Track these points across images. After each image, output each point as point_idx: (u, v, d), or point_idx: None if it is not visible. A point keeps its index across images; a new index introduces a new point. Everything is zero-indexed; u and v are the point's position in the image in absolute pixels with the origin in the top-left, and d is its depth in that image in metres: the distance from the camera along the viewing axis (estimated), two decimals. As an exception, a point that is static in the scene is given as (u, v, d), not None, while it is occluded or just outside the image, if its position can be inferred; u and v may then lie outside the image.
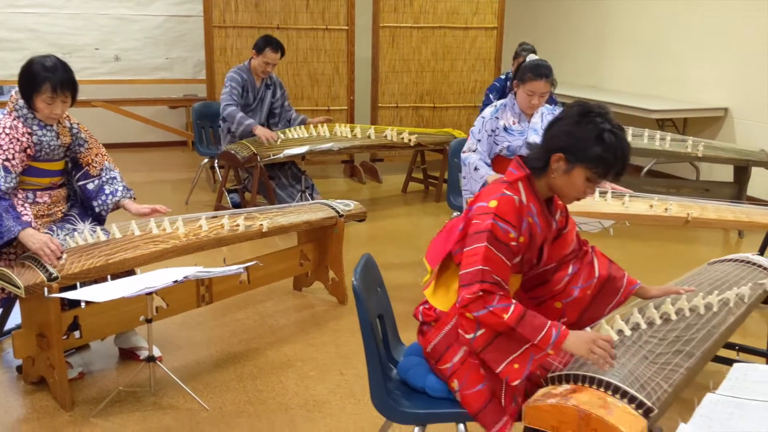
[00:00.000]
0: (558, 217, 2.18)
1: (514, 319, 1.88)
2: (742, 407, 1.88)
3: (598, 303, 2.23)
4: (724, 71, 6.27)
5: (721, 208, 3.75)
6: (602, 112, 1.98)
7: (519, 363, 1.91)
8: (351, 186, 6.64)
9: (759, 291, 2.61)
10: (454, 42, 6.84)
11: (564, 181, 2.01)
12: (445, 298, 2.12)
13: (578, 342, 1.88)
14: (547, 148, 2.02)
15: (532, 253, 2.06)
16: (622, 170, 1.99)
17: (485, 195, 2.02)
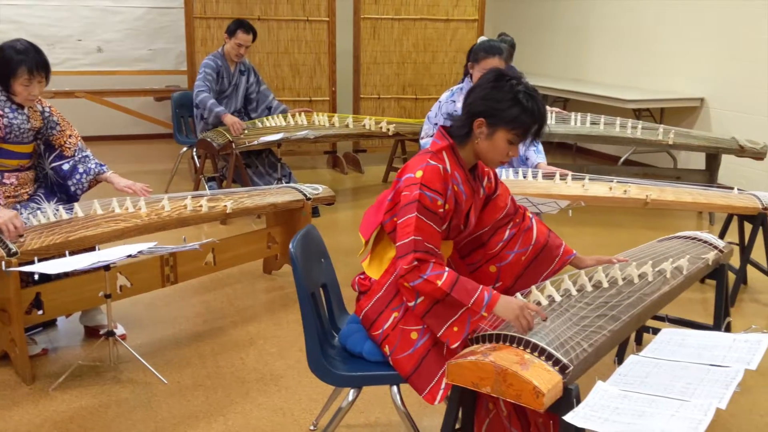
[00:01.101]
0: (486, 184, 2.25)
1: (448, 285, 1.95)
2: (660, 367, 1.95)
3: (533, 269, 2.30)
4: (701, 63, 6.33)
5: (680, 191, 3.82)
6: (516, 76, 2.06)
7: (458, 326, 1.99)
8: (333, 176, 6.70)
9: (699, 264, 2.67)
10: (435, 34, 6.90)
11: (487, 146, 2.08)
12: (379, 268, 2.18)
13: (508, 307, 1.94)
14: (468, 114, 2.09)
15: (458, 219, 2.13)
16: (540, 130, 2.08)
17: (412, 166, 2.08)
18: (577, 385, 1.82)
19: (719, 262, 2.87)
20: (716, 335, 2.12)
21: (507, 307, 1.94)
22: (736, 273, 3.86)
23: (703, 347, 2.04)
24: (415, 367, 2.05)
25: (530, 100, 2.04)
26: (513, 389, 1.74)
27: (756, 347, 2.00)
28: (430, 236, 2.00)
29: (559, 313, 2.06)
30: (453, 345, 1.98)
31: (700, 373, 1.86)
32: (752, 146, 5.06)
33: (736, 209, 3.77)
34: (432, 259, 1.98)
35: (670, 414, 1.67)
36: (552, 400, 1.75)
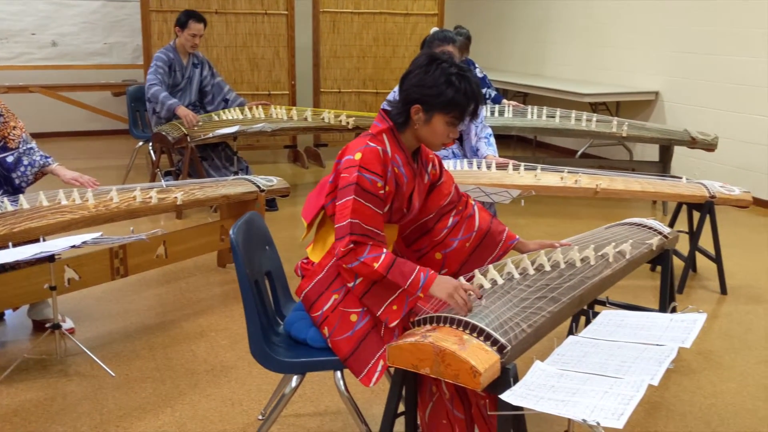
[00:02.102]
0: (430, 170, 2.26)
1: (384, 267, 1.96)
2: (597, 347, 1.97)
3: (477, 255, 2.32)
4: (656, 57, 6.43)
5: (630, 180, 3.88)
6: (447, 58, 2.06)
7: (397, 305, 2.00)
8: (294, 171, 6.68)
9: (643, 249, 2.71)
10: (395, 28, 6.91)
11: (427, 131, 2.09)
12: (321, 251, 2.18)
13: (443, 287, 1.96)
14: (404, 101, 2.09)
15: (400, 202, 2.13)
16: (476, 110, 2.09)
17: (351, 148, 2.08)
18: (514, 364, 1.84)
19: (663, 247, 2.92)
20: (654, 316, 2.16)
21: (442, 286, 1.96)
22: (686, 260, 3.93)
23: (641, 327, 2.07)
24: (353, 349, 2.05)
25: (463, 80, 2.04)
26: (451, 369, 1.75)
27: (691, 326, 2.03)
28: (369, 218, 2.00)
29: (500, 295, 2.07)
30: (392, 323, 1.99)
31: (636, 352, 1.89)
32: (703, 138, 5.15)
33: (684, 197, 3.84)
34: (369, 241, 1.99)
35: (603, 391, 1.69)
36: (489, 379, 1.76)
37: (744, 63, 5.61)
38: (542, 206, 5.50)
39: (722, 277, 3.87)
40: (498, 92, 5.79)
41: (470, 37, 5.49)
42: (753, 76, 5.54)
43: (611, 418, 1.57)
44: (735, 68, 5.68)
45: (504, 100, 5.64)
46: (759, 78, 5.50)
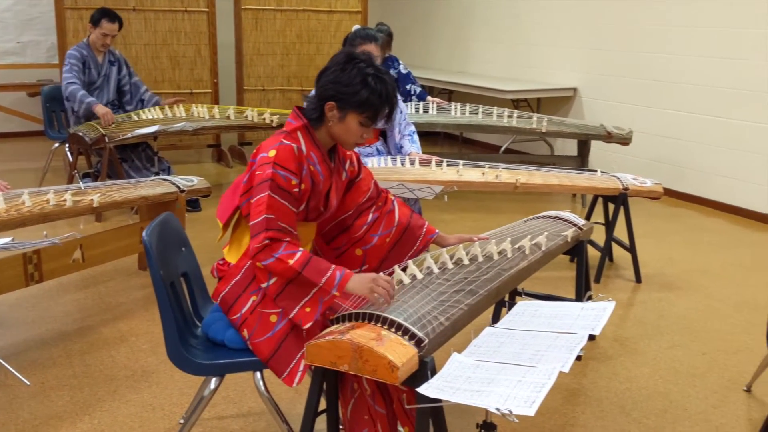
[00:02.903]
0: (348, 167, 2.26)
1: (300, 264, 1.94)
2: (512, 337, 2.02)
3: (398, 250, 2.34)
4: (574, 55, 6.62)
5: (548, 174, 3.98)
6: (365, 58, 2.07)
7: (310, 306, 1.97)
8: (219, 170, 6.58)
9: (558, 240, 2.79)
10: (318, 25, 6.89)
11: (341, 129, 2.09)
12: (237, 252, 2.16)
13: (360, 282, 1.95)
14: (319, 98, 2.09)
15: (317, 200, 2.13)
16: (391, 112, 2.10)
17: (265, 146, 2.07)
18: (432, 357, 1.86)
19: (579, 239, 3.01)
20: (567, 305, 2.23)
21: (359, 283, 1.95)
22: (602, 251, 4.07)
23: (554, 316, 2.13)
24: (274, 350, 2.03)
25: (379, 82, 2.04)
26: (369, 365, 1.76)
27: (601, 314, 2.11)
28: (283, 215, 1.99)
29: (418, 290, 2.10)
30: (305, 325, 1.97)
31: (548, 340, 1.95)
32: (618, 132, 5.33)
33: (599, 190, 3.97)
34: (285, 238, 1.97)
35: (517, 380, 1.74)
36: (407, 373, 1.78)
37: (657, 59, 5.83)
38: (467, 201, 5.59)
39: (636, 265, 4.01)
40: (423, 89, 5.85)
41: (391, 34, 5.52)
42: (665, 72, 5.77)
43: (523, 406, 1.61)
44: (649, 65, 5.90)
45: (429, 98, 5.70)
46: (671, 74, 5.73)
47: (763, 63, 5.05)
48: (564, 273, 4.03)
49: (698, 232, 5.00)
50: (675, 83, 5.70)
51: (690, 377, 2.93)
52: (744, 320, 3.48)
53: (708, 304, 3.71)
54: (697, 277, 4.09)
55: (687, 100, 5.63)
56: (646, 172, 5.67)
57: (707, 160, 5.54)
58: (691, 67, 5.56)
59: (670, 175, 5.79)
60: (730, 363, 3.05)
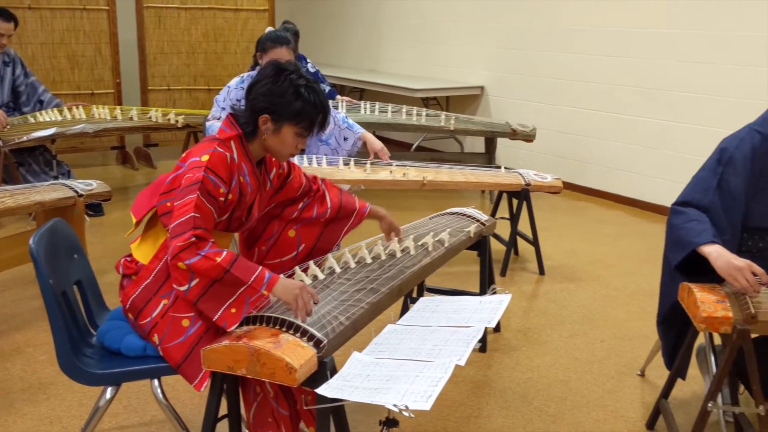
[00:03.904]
0: (273, 176, 2.24)
1: (228, 261, 1.88)
2: (412, 333, 2.05)
3: (332, 228, 2.35)
4: (481, 54, 6.75)
5: (454, 172, 4.05)
6: (294, 69, 2.06)
7: (236, 307, 1.91)
8: (124, 173, 6.38)
9: (461, 236, 2.85)
10: (225, 24, 6.78)
11: (276, 141, 2.07)
12: (150, 252, 2.09)
13: (287, 288, 1.91)
14: (252, 111, 2.06)
15: (241, 211, 2.10)
16: (325, 120, 2.10)
17: (197, 151, 2.02)
18: (332, 358, 1.87)
19: (482, 234, 3.08)
20: (466, 299, 2.28)
21: (287, 287, 1.91)
22: (507, 245, 4.17)
23: (454, 311, 2.18)
24: (185, 355, 1.99)
25: (311, 92, 2.05)
26: (267, 368, 1.75)
27: (498, 307, 2.16)
28: (207, 219, 1.95)
29: (319, 290, 2.10)
30: (230, 328, 1.91)
31: (447, 335, 1.99)
32: (523, 129, 5.48)
33: (503, 186, 4.07)
34: (211, 238, 1.93)
35: (415, 375, 1.76)
36: (306, 374, 1.78)
37: (559, 59, 6.02)
38: (380, 200, 5.56)
39: (540, 258, 4.14)
40: (332, 88, 5.85)
41: (298, 32, 5.49)
42: (567, 70, 5.96)
43: (420, 401, 1.64)
44: (552, 64, 6.09)
45: (338, 96, 5.70)
46: (573, 73, 5.92)
47: (656, 61, 5.29)
48: (472, 268, 4.11)
49: (599, 224, 5.20)
50: (576, 81, 5.90)
51: (588, 364, 3.05)
52: (639, 308, 3.64)
53: (606, 293, 3.86)
54: (597, 267, 4.25)
55: (587, 97, 5.84)
56: (551, 167, 5.87)
57: (607, 155, 5.77)
58: (591, 66, 5.77)
59: (573, 170, 5.99)
60: (625, 349, 3.19)
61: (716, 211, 2.27)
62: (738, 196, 2.29)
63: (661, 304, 2.49)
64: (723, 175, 2.30)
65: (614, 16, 5.55)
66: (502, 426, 2.57)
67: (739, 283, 2.11)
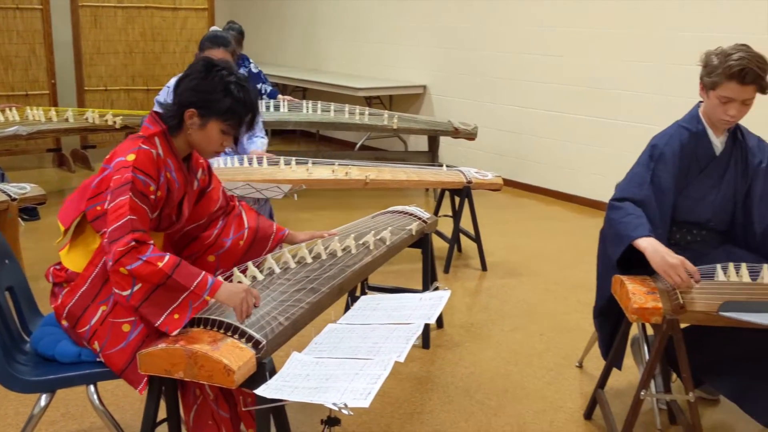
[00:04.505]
0: (200, 176, 2.21)
1: (170, 266, 1.85)
2: (353, 331, 2.06)
3: (251, 253, 2.32)
4: (423, 53, 6.80)
5: (396, 170, 4.08)
6: (226, 66, 2.05)
7: (179, 313, 1.88)
8: (61, 175, 6.22)
9: (403, 234, 2.87)
10: (163, 23, 6.67)
11: (200, 136, 2.04)
12: (82, 259, 2.05)
13: (233, 291, 1.91)
14: (179, 104, 2.03)
15: (170, 208, 2.07)
16: (253, 120, 2.08)
17: (122, 150, 1.98)
18: (271, 358, 1.86)
19: (424, 231, 3.11)
20: (406, 297, 2.30)
21: (232, 291, 1.90)
22: (450, 242, 4.22)
23: (394, 309, 2.20)
24: (128, 361, 1.95)
25: (241, 90, 2.03)
26: (204, 370, 1.74)
27: (437, 303, 2.19)
28: (143, 220, 1.92)
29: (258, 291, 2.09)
30: (173, 332, 1.88)
31: (387, 332, 2.00)
32: (465, 128, 5.55)
33: (445, 184, 4.12)
34: (150, 240, 1.90)
35: (354, 373, 1.77)
36: (245, 376, 1.77)
37: (499, 58, 6.11)
38: (324, 199, 5.62)
39: (482, 255, 4.20)
40: (274, 88, 5.82)
41: (243, 32, 5.47)
42: (507, 69, 6.05)
43: (359, 399, 1.65)
44: (492, 63, 6.17)
45: (279, 95, 5.68)
46: (512, 72, 6.02)
47: (592, 60, 5.42)
48: (415, 265, 4.13)
49: (539, 220, 5.30)
50: (516, 80, 6.00)
51: (529, 357, 3.11)
52: (577, 301, 3.73)
53: (546, 287, 3.94)
54: (537, 262, 4.33)
55: (527, 96, 5.94)
56: (492, 165, 5.95)
57: (546, 153, 5.88)
58: (530, 65, 5.87)
59: (514, 167, 6.09)
60: (564, 341, 3.26)
61: (650, 206, 2.34)
62: (668, 190, 2.37)
63: (597, 296, 2.56)
64: (655, 170, 2.38)
65: (552, 16, 5.66)
66: (444, 420, 2.60)
67: (672, 279, 2.18)
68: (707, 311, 2.14)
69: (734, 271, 2.30)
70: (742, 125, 2.50)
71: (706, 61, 2.37)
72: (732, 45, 2.33)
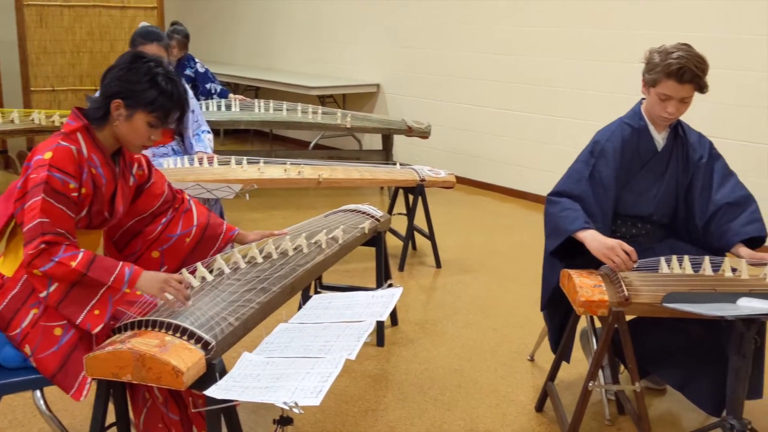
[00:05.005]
0: (136, 171, 2.18)
1: (84, 264, 1.85)
2: (304, 331, 2.06)
3: (199, 251, 2.29)
4: (376, 51, 6.81)
5: (350, 169, 4.08)
6: (154, 59, 2.02)
7: (99, 309, 1.88)
8: (6, 178, 6.07)
9: (356, 233, 2.88)
10: (111, 21, 6.54)
11: (127, 128, 2.01)
12: (14, 264, 2.01)
13: (151, 281, 1.91)
14: (105, 95, 2.01)
15: (100, 205, 2.03)
16: (182, 114, 2.07)
17: (41, 148, 1.95)
18: (221, 359, 1.85)
19: (377, 230, 3.12)
20: (358, 295, 2.30)
21: (150, 281, 1.91)
22: (404, 240, 4.24)
23: (346, 307, 2.20)
24: (60, 365, 1.91)
25: (169, 83, 2.01)
26: (153, 373, 1.72)
27: (389, 300, 2.20)
28: (60, 220, 1.89)
29: (207, 292, 2.07)
30: (95, 330, 1.87)
31: (338, 331, 2.00)
32: (418, 126, 5.58)
33: (399, 182, 4.14)
34: (64, 241, 1.87)
35: (305, 372, 1.77)
36: (194, 377, 1.76)
37: (452, 56, 6.15)
38: (278, 199, 5.59)
39: (436, 252, 4.23)
40: (224, 87, 5.77)
41: (188, 35, 5.42)
42: (459, 68, 6.10)
43: (310, 397, 1.65)
44: (445, 61, 6.21)
45: (230, 95, 5.63)
46: (464, 70, 6.07)
47: (541, 59, 5.50)
48: (370, 264, 4.13)
49: (493, 217, 5.36)
50: (469, 79, 6.05)
51: (482, 352, 3.14)
52: (529, 295, 3.78)
53: (500, 283, 3.99)
54: (491, 258, 4.38)
55: (480, 94, 6.00)
56: (446, 163, 5.99)
57: (498, 150, 5.94)
58: (482, 64, 5.93)
59: (468, 165, 6.14)
60: (517, 336, 3.31)
61: (588, 200, 2.40)
62: (609, 185, 2.42)
63: (543, 290, 2.60)
64: (595, 166, 2.43)
65: (503, 15, 5.72)
66: (398, 417, 2.61)
67: (612, 261, 2.24)
68: (651, 303, 2.20)
69: (677, 263, 2.36)
70: (684, 121, 2.57)
71: (648, 58, 2.43)
72: (674, 44, 2.39)
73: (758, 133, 4.42)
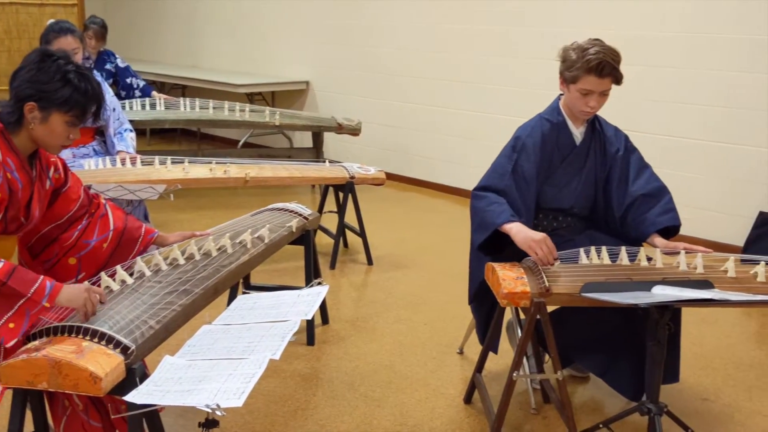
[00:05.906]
0: (53, 174, 2.11)
1: (4, 273, 1.77)
2: (228, 332, 2.03)
3: (118, 255, 2.23)
4: (306, 48, 6.78)
5: (278, 167, 4.05)
6: (63, 56, 1.96)
7: (14, 322, 1.80)
8: None
9: (283, 231, 2.86)
10: (29, 19, 6.32)
11: (44, 130, 1.95)
12: None
13: (73, 293, 1.85)
14: (16, 98, 1.93)
15: (16, 210, 1.96)
16: (99, 109, 2.02)
17: None
18: (141, 364, 1.81)
19: (305, 228, 3.11)
20: (284, 294, 2.29)
21: (73, 293, 1.84)
22: (335, 238, 4.23)
23: (271, 307, 2.18)
24: None
25: (82, 79, 1.95)
26: (69, 380, 1.67)
27: (315, 299, 2.19)
28: None
29: (126, 295, 2.03)
30: (9, 343, 1.80)
31: (262, 331, 1.99)
32: (348, 123, 5.58)
33: (328, 180, 4.13)
34: None
35: (228, 373, 1.75)
36: (113, 383, 1.72)
37: (382, 54, 6.17)
38: (205, 199, 5.50)
39: (368, 249, 4.24)
40: (147, 84, 5.64)
41: (105, 25, 5.28)
42: (389, 65, 6.12)
43: (233, 399, 1.63)
44: (374, 58, 6.23)
45: (154, 93, 5.52)
46: (394, 67, 6.09)
47: (469, 56, 5.58)
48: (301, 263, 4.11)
49: (424, 213, 5.41)
50: (399, 76, 6.08)
51: (412, 347, 3.17)
52: (459, 290, 3.80)
53: (430, 278, 4.03)
54: (422, 254, 4.42)
55: (409, 92, 6.04)
56: (378, 160, 5.99)
57: (429, 147, 6.00)
58: (412, 61, 5.96)
59: (399, 162, 6.18)
60: (446, 330, 3.35)
61: (512, 194, 2.45)
62: (530, 179, 2.48)
63: (470, 283, 2.64)
64: (517, 160, 2.48)
65: (431, 13, 5.78)
66: (328, 415, 2.61)
67: (536, 253, 2.29)
68: (571, 293, 2.26)
69: (596, 254, 2.44)
70: (600, 116, 2.65)
71: (564, 56, 2.49)
72: (586, 40, 2.46)
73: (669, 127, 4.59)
